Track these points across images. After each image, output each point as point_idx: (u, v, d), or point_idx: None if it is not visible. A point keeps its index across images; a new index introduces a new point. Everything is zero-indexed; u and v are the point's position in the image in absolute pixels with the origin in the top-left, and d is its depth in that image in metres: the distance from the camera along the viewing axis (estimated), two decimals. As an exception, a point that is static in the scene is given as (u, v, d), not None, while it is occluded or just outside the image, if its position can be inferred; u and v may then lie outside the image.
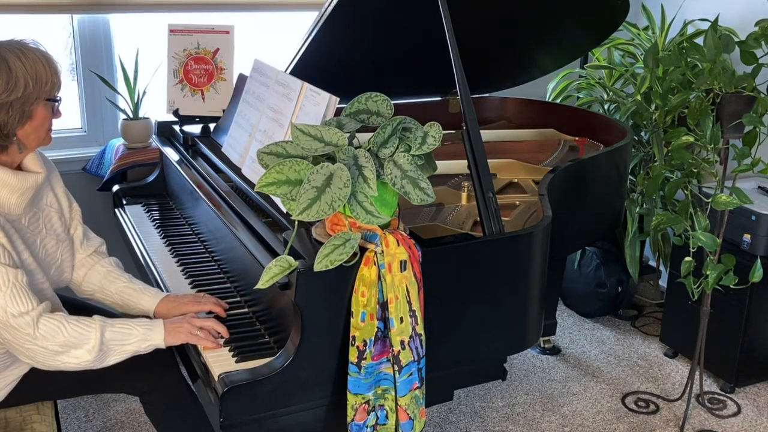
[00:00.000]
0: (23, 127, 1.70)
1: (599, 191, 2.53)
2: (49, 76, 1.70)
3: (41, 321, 1.66)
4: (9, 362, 1.82)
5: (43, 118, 1.73)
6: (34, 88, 1.67)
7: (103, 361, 1.73)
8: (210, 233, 2.26)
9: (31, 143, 1.75)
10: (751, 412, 2.87)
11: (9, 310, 1.62)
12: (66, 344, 1.67)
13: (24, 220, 1.78)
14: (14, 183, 1.72)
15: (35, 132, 1.74)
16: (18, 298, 1.63)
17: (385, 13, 2.36)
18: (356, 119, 1.73)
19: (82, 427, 2.66)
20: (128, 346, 1.75)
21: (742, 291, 2.74)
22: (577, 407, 2.86)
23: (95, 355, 1.70)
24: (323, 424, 1.73)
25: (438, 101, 3.08)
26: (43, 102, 1.71)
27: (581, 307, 3.57)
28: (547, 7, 2.58)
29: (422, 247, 1.69)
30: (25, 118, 1.69)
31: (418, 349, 1.67)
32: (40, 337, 1.65)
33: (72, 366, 1.71)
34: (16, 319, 1.63)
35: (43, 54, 1.71)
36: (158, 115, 2.90)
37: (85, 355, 1.69)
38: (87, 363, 1.71)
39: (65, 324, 1.68)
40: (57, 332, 1.66)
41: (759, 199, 2.82)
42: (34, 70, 1.67)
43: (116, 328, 1.74)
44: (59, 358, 1.69)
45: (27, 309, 1.64)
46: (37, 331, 1.65)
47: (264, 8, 3.32)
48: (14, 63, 1.65)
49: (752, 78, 2.44)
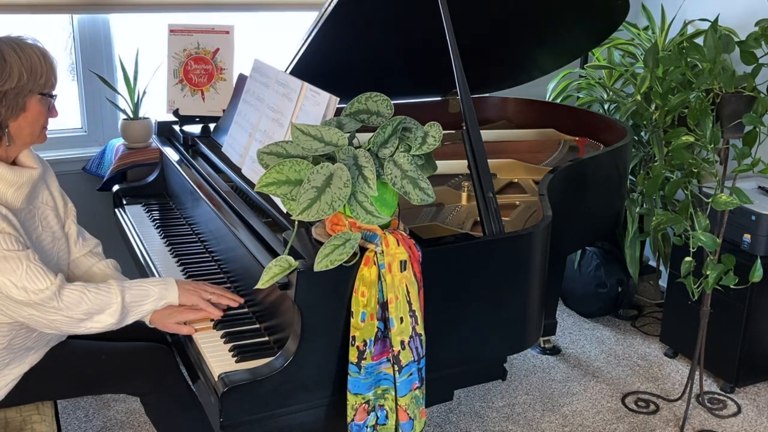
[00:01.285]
0: (17, 119, 1.73)
1: (599, 191, 2.53)
2: (44, 70, 1.72)
3: (63, 292, 1.71)
4: (8, 360, 1.82)
5: (37, 113, 1.75)
6: (28, 81, 1.69)
7: (123, 321, 1.80)
8: (210, 233, 2.26)
9: (24, 138, 1.77)
10: (751, 412, 2.87)
11: (30, 289, 1.68)
12: (89, 311, 1.74)
13: (21, 216, 1.79)
14: (10, 177, 1.74)
15: (29, 126, 1.76)
16: (35, 277, 1.68)
17: (385, 13, 2.37)
18: (356, 119, 1.73)
19: (82, 427, 2.66)
20: (146, 305, 1.82)
21: (742, 291, 2.74)
22: (577, 407, 2.86)
23: (117, 318, 1.77)
24: (323, 424, 1.73)
25: (438, 101, 3.08)
26: (37, 96, 1.73)
27: (581, 307, 3.57)
28: (547, 7, 2.58)
29: (422, 247, 1.69)
30: (18, 110, 1.71)
31: (418, 349, 1.67)
32: (64, 308, 1.71)
33: (96, 329, 1.77)
34: (38, 295, 1.68)
35: (39, 49, 1.73)
36: (158, 115, 2.90)
37: (107, 318, 1.76)
38: (110, 325, 1.78)
39: (87, 293, 1.74)
40: (80, 301, 1.73)
41: (759, 199, 2.82)
42: (29, 62, 1.69)
43: (134, 290, 1.80)
44: (84, 324, 1.75)
45: (47, 284, 1.69)
46: (61, 302, 1.70)
47: (264, 8, 3.33)
48: (9, 54, 1.68)
49: (752, 78, 2.44)
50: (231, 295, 1.89)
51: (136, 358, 1.95)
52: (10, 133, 1.74)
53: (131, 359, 1.95)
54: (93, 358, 1.92)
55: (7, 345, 1.79)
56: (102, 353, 1.93)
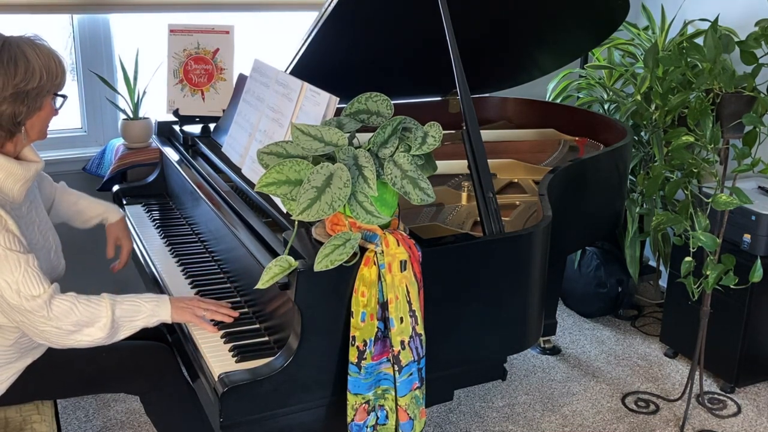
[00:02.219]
0: (32, 117, 1.76)
1: (599, 191, 2.53)
2: (59, 71, 1.77)
3: (54, 302, 1.71)
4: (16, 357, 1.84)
5: (49, 112, 1.80)
6: (47, 81, 1.74)
7: (114, 336, 1.79)
8: (210, 233, 2.26)
9: (34, 135, 1.81)
10: (751, 412, 2.87)
11: (23, 294, 1.67)
12: (79, 323, 1.73)
13: (23, 209, 1.83)
14: (19, 172, 1.77)
15: (41, 124, 1.81)
16: (31, 282, 1.68)
17: (385, 13, 2.36)
18: (356, 119, 1.73)
19: (82, 427, 2.66)
20: (137, 321, 1.80)
21: (742, 291, 2.74)
22: (577, 407, 2.86)
23: (107, 332, 1.75)
24: (323, 424, 1.73)
25: (438, 101, 3.08)
26: (51, 96, 1.77)
27: (581, 307, 3.57)
28: (548, 7, 2.58)
29: (422, 247, 1.69)
30: (35, 109, 1.75)
31: (418, 349, 1.67)
32: (54, 318, 1.70)
33: (86, 343, 1.76)
34: (29, 302, 1.68)
35: (51, 50, 1.78)
36: (158, 115, 2.90)
37: (97, 332, 1.75)
38: (100, 339, 1.76)
39: (77, 304, 1.73)
40: (70, 312, 1.72)
41: (759, 199, 2.82)
42: (47, 63, 1.73)
43: (126, 305, 1.79)
44: (73, 336, 1.74)
45: (40, 292, 1.69)
46: (50, 312, 1.70)
47: (264, 8, 3.32)
48: (31, 55, 1.71)
49: (752, 78, 2.44)
50: (226, 310, 1.88)
51: (137, 357, 1.95)
52: (26, 130, 1.78)
53: (131, 357, 1.95)
54: (93, 355, 1.93)
55: (15, 342, 1.81)
56: (102, 350, 1.93)
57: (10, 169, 1.75)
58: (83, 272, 2.57)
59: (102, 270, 2.87)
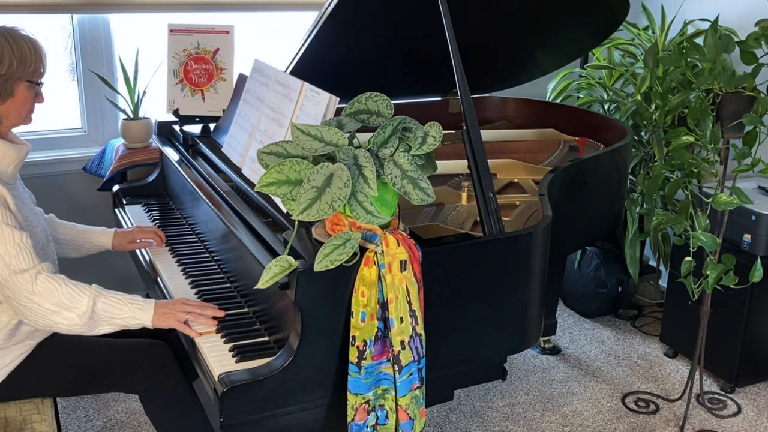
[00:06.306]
0: (5, 103, 1.82)
1: (599, 191, 2.53)
2: (33, 59, 1.82)
3: (39, 278, 1.75)
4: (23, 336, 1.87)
5: (24, 99, 1.85)
6: (17, 68, 1.79)
7: (93, 329, 1.81)
8: (210, 233, 2.26)
9: (12, 120, 1.87)
10: (751, 412, 2.87)
11: (12, 267, 1.73)
12: (59, 304, 1.76)
13: (20, 189, 1.89)
14: (13, 154, 1.85)
15: (17, 110, 1.85)
16: (21, 257, 1.74)
17: (385, 13, 2.37)
18: (356, 119, 1.73)
19: (82, 427, 2.66)
20: (117, 320, 1.83)
21: (742, 291, 2.74)
22: (577, 407, 2.86)
23: (85, 321, 1.78)
24: (323, 424, 1.73)
25: (438, 101, 3.08)
26: (25, 83, 1.83)
27: (581, 307, 3.57)
28: (548, 7, 2.58)
29: (422, 247, 1.69)
30: (6, 95, 1.81)
31: (418, 349, 1.67)
32: (37, 293, 1.74)
33: (63, 327, 1.79)
34: (16, 275, 1.73)
35: (31, 40, 1.83)
36: (158, 115, 2.90)
37: (75, 319, 1.77)
38: (77, 327, 1.79)
39: (62, 285, 1.77)
40: (53, 291, 1.76)
41: (759, 199, 2.82)
42: (20, 51, 1.79)
43: (109, 301, 1.82)
44: (52, 318, 1.77)
45: (28, 266, 1.74)
46: (35, 287, 1.74)
47: (264, 8, 3.32)
48: (1, 43, 1.77)
49: (752, 78, 2.44)
50: (211, 311, 1.87)
51: (136, 354, 1.96)
52: (1, 115, 1.83)
53: (131, 354, 1.95)
54: (93, 350, 1.94)
55: (10, 325, 1.85)
56: (102, 346, 1.95)
57: (5, 150, 1.82)
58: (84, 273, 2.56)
59: (102, 270, 2.87)
